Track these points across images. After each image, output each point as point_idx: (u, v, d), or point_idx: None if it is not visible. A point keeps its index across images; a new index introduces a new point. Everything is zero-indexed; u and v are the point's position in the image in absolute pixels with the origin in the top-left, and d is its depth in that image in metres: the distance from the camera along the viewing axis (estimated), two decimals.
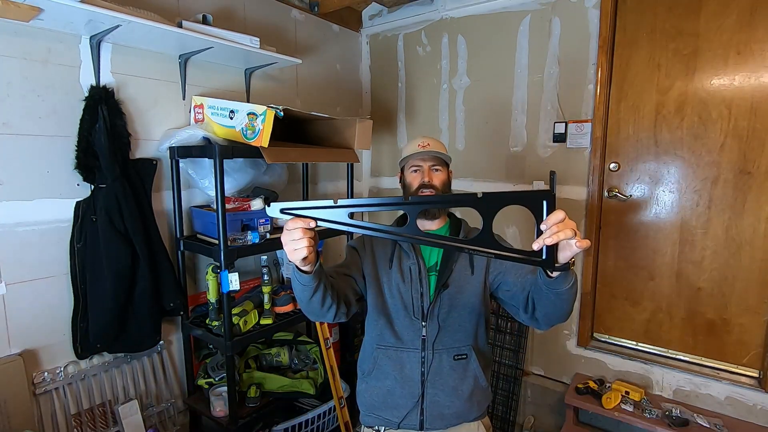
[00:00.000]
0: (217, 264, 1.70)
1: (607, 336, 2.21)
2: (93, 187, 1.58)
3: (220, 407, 1.78)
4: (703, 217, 1.91)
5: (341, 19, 2.63)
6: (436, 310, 1.18)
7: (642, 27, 1.95)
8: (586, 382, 2.09)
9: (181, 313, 1.85)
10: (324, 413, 1.96)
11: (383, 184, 2.89)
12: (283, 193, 2.11)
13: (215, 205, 1.63)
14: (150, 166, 1.75)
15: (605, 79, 2.01)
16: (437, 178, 1.23)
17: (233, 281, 1.64)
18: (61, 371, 1.57)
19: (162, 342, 1.84)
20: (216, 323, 1.79)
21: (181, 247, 1.86)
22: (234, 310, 1.77)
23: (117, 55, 1.65)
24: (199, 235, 1.88)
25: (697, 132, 1.88)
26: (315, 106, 2.51)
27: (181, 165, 1.83)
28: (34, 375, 1.52)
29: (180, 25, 1.60)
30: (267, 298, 1.89)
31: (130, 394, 1.75)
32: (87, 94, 1.56)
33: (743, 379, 1.87)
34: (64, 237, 1.57)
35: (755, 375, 1.86)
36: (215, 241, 1.70)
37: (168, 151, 1.77)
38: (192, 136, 1.69)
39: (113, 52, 1.64)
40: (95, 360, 1.67)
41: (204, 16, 1.74)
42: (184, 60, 1.84)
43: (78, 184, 1.58)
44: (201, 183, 1.83)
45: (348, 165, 2.22)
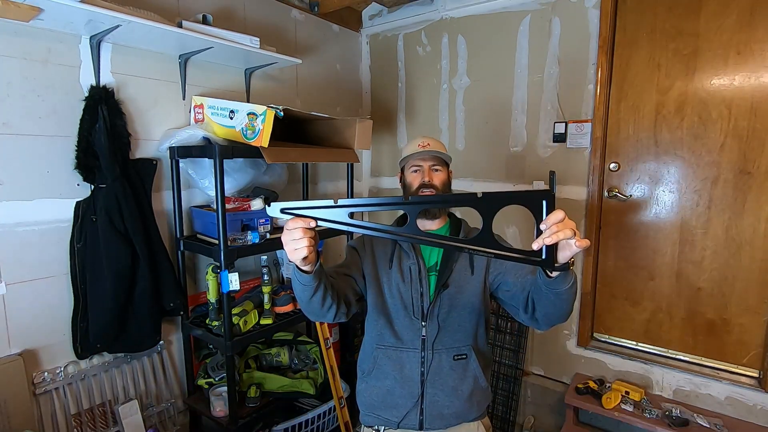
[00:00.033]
0: (217, 264, 1.70)
1: (607, 336, 2.21)
2: (93, 187, 1.58)
3: (220, 407, 1.78)
4: (703, 217, 1.91)
5: (341, 19, 2.63)
6: (436, 310, 1.18)
7: (642, 27, 1.95)
8: (586, 382, 2.09)
9: (181, 313, 1.85)
10: (324, 413, 1.96)
11: (383, 184, 2.89)
12: (283, 193, 2.11)
13: (215, 205, 1.63)
14: (150, 166, 1.75)
15: (605, 79, 2.01)
16: (437, 178, 1.23)
17: (233, 281, 1.64)
18: (61, 371, 1.58)
19: (162, 342, 1.85)
20: (216, 323, 1.79)
21: (181, 247, 1.86)
22: (234, 310, 1.77)
23: (117, 55, 1.65)
24: (199, 235, 1.88)
25: (697, 132, 1.88)
26: (315, 106, 2.51)
27: (181, 165, 1.83)
28: (34, 375, 1.52)
29: (180, 25, 1.60)
30: (267, 298, 1.89)
31: (130, 394, 1.75)
32: (87, 94, 1.56)
33: (743, 379, 1.87)
34: (64, 237, 1.57)
35: (755, 375, 1.86)
36: (215, 241, 1.71)
37: (168, 151, 1.77)
38: (192, 136, 1.69)
39: (113, 52, 1.64)
40: (95, 360, 1.67)
41: (204, 16, 1.74)
42: (184, 60, 1.84)
43: (78, 184, 1.58)
44: (201, 183, 1.83)
45: (348, 165, 2.22)
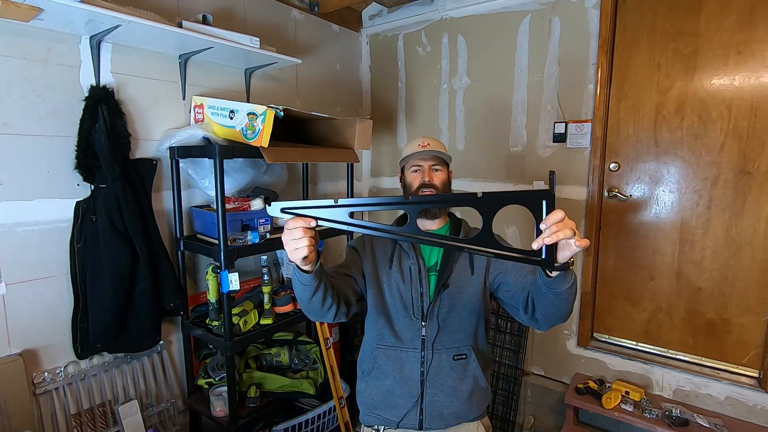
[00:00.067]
0: (217, 264, 1.70)
1: (607, 336, 2.21)
2: (93, 187, 1.58)
3: (220, 407, 1.78)
4: (703, 217, 1.91)
5: (341, 19, 2.63)
6: (436, 310, 1.18)
7: (642, 27, 1.95)
8: (586, 382, 2.09)
9: (181, 313, 1.85)
10: (324, 413, 1.96)
11: (383, 184, 2.89)
12: (283, 193, 2.11)
13: (215, 205, 1.63)
14: (150, 166, 1.75)
15: (605, 79, 2.01)
16: (437, 178, 1.23)
17: (233, 281, 1.64)
18: (61, 371, 1.58)
19: (162, 342, 1.84)
20: (216, 323, 1.79)
21: (181, 247, 1.86)
22: (234, 310, 1.77)
23: (117, 55, 1.65)
24: (199, 235, 1.88)
25: (697, 132, 1.88)
26: (315, 106, 2.51)
27: (181, 165, 1.83)
28: (34, 375, 1.52)
29: (180, 25, 1.60)
30: (267, 298, 1.89)
31: (130, 394, 1.75)
32: (87, 94, 1.56)
33: (743, 379, 1.87)
34: (64, 237, 1.57)
35: (755, 375, 1.86)
36: (215, 241, 1.71)
37: (168, 151, 1.77)
38: (192, 136, 1.69)
39: (113, 52, 1.64)
40: (95, 360, 1.67)
41: (204, 16, 1.74)
42: (184, 60, 1.84)
43: (78, 184, 1.58)
44: (201, 183, 1.83)
45: (348, 165, 2.22)
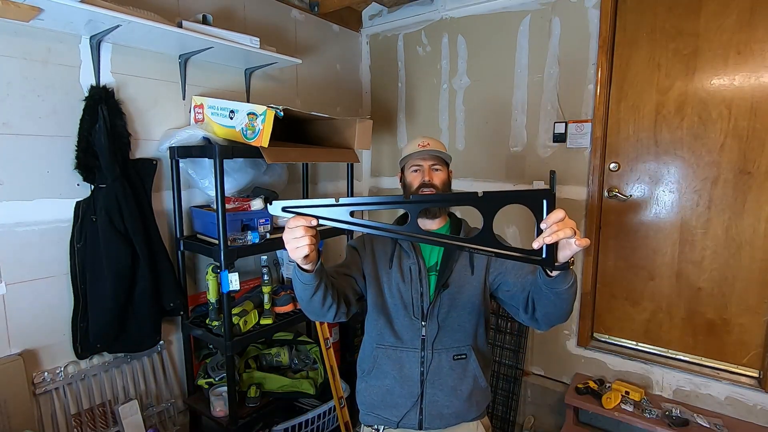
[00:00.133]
0: (217, 264, 1.70)
1: (607, 336, 2.21)
2: (93, 187, 1.58)
3: (220, 407, 1.78)
4: (703, 217, 1.91)
5: (341, 19, 2.63)
6: (436, 310, 1.18)
7: (642, 27, 1.95)
8: (586, 382, 2.09)
9: (181, 313, 1.85)
10: (324, 413, 1.96)
11: (383, 184, 2.89)
12: (283, 193, 2.11)
13: (215, 205, 1.63)
14: (150, 166, 1.75)
15: (605, 79, 2.01)
16: (437, 178, 1.23)
17: (233, 281, 1.64)
18: (61, 371, 1.57)
19: (162, 342, 1.84)
20: (216, 323, 1.79)
21: (181, 247, 1.86)
22: (234, 310, 1.77)
23: (117, 55, 1.65)
24: (199, 235, 1.88)
25: (697, 132, 1.88)
26: (315, 106, 2.51)
27: (181, 165, 1.83)
28: (34, 375, 1.52)
29: (180, 25, 1.60)
30: (267, 298, 1.89)
31: (130, 394, 1.75)
32: (87, 94, 1.56)
33: (743, 379, 1.87)
34: (64, 237, 1.57)
35: (755, 375, 1.86)
36: (215, 241, 1.70)
37: (168, 151, 1.77)
38: (192, 136, 1.69)
39: (113, 52, 1.64)
40: (95, 360, 1.67)
41: (204, 16, 1.74)
42: (184, 60, 1.84)
43: (78, 184, 1.58)
44: (201, 183, 1.83)
45: (348, 165, 2.22)
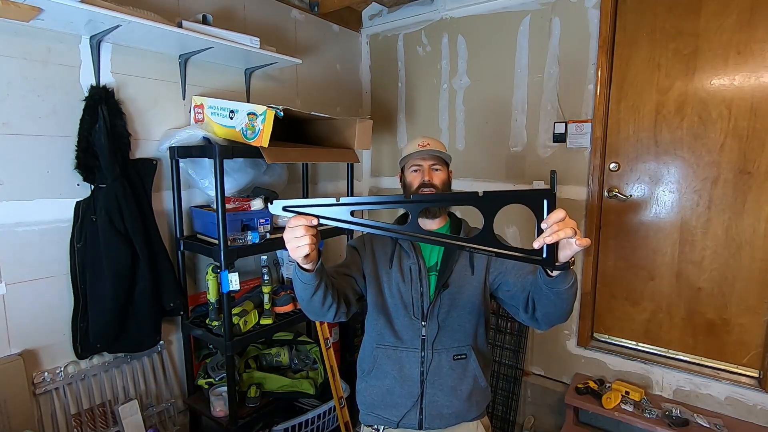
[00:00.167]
0: (217, 264, 1.70)
1: (607, 336, 2.21)
2: (93, 187, 1.58)
3: (220, 407, 1.78)
4: (703, 217, 1.91)
5: (341, 19, 2.63)
6: (436, 310, 1.18)
7: (642, 27, 1.95)
8: (586, 382, 2.09)
9: (181, 313, 1.85)
10: (324, 413, 1.96)
11: (383, 184, 2.89)
12: (283, 193, 2.11)
13: (215, 205, 1.63)
14: (150, 166, 1.75)
15: (605, 79, 2.01)
16: (437, 177, 1.23)
17: (233, 281, 1.64)
18: (61, 371, 1.57)
19: (162, 342, 1.84)
20: (216, 323, 1.79)
21: (181, 247, 1.86)
22: (234, 310, 1.77)
23: (117, 55, 1.65)
24: (199, 235, 1.88)
25: (697, 132, 1.88)
26: (315, 106, 2.51)
27: (181, 165, 1.83)
28: (34, 375, 1.52)
29: (180, 25, 1.60)
30: (267, 298, 1.89)
31: (130, 394, 1.75)
32: (87, 94, 1.56)
33: (743, 379, 1.87)
34: (64, 237, 1.57)
35: (755, 375, 1.86)
36: (215, 241, 1.70)
37: (168, 151, 1.77)
38: (192, 136, 1.69)
39: (113, 52, 1.64)
40: (95, 360, 1.67)
41: (204, 16, 1.74)
42: (184, 60, 1.84)
43: (78, 184, 1.58)
44: (201, 183, 1.83)
45: (348, 165, 2.22)
